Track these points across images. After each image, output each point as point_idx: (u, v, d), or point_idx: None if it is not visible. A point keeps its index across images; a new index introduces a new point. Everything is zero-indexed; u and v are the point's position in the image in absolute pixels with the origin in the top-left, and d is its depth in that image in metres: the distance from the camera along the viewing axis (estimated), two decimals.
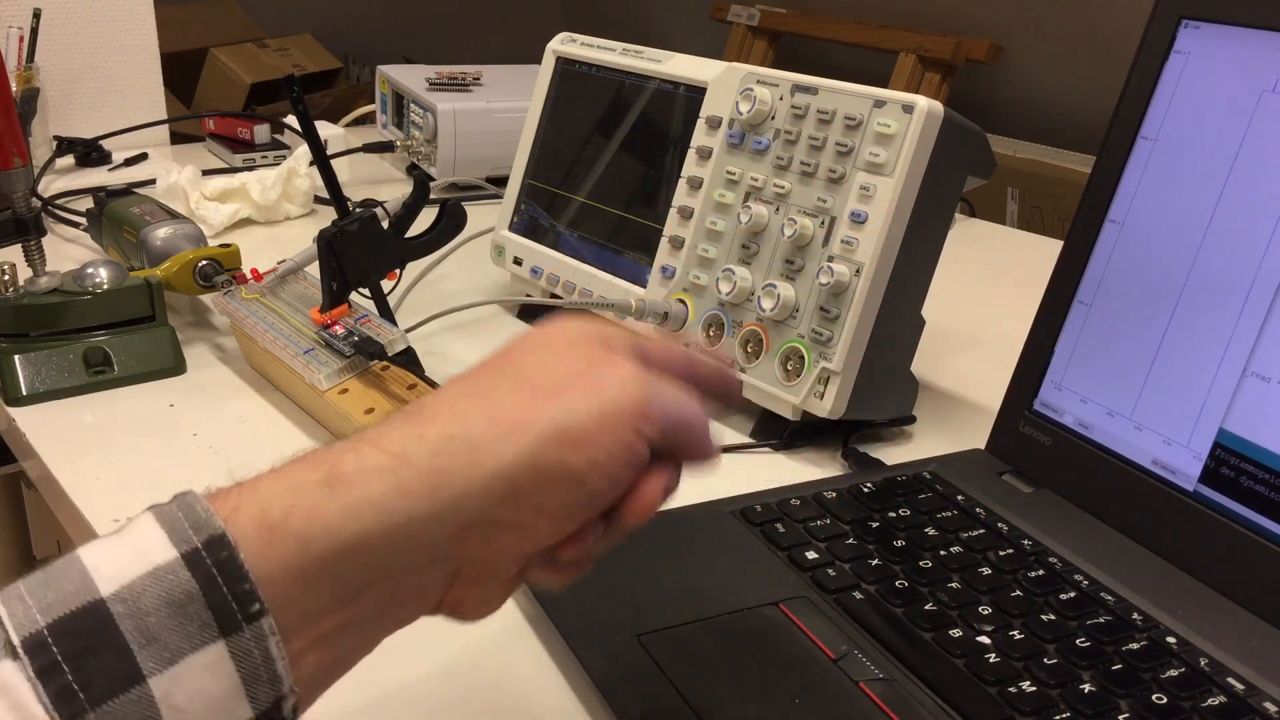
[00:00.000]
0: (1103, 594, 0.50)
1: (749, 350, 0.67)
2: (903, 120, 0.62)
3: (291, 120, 1.28)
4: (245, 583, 0.29)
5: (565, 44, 0.85)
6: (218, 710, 0.29)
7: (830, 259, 0.64)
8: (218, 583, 0.29)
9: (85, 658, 0.28)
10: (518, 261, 0.85)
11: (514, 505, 0.33)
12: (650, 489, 0.36)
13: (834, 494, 0.58)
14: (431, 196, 0.76)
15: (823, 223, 0.65)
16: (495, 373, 0.36)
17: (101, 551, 0.30)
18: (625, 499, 0.36)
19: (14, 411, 0.70)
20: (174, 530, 0.30)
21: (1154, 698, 0.43)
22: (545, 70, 0.86)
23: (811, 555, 0.52)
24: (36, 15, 1.24)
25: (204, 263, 0.79)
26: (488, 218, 0.92)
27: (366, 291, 0.73)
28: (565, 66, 0.85)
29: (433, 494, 0.32)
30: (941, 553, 0.52)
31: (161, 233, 0.84)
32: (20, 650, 0.28)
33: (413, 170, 1.24)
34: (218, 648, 0.29)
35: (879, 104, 0.63)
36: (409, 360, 0.67)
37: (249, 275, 0.78)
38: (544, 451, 0.33)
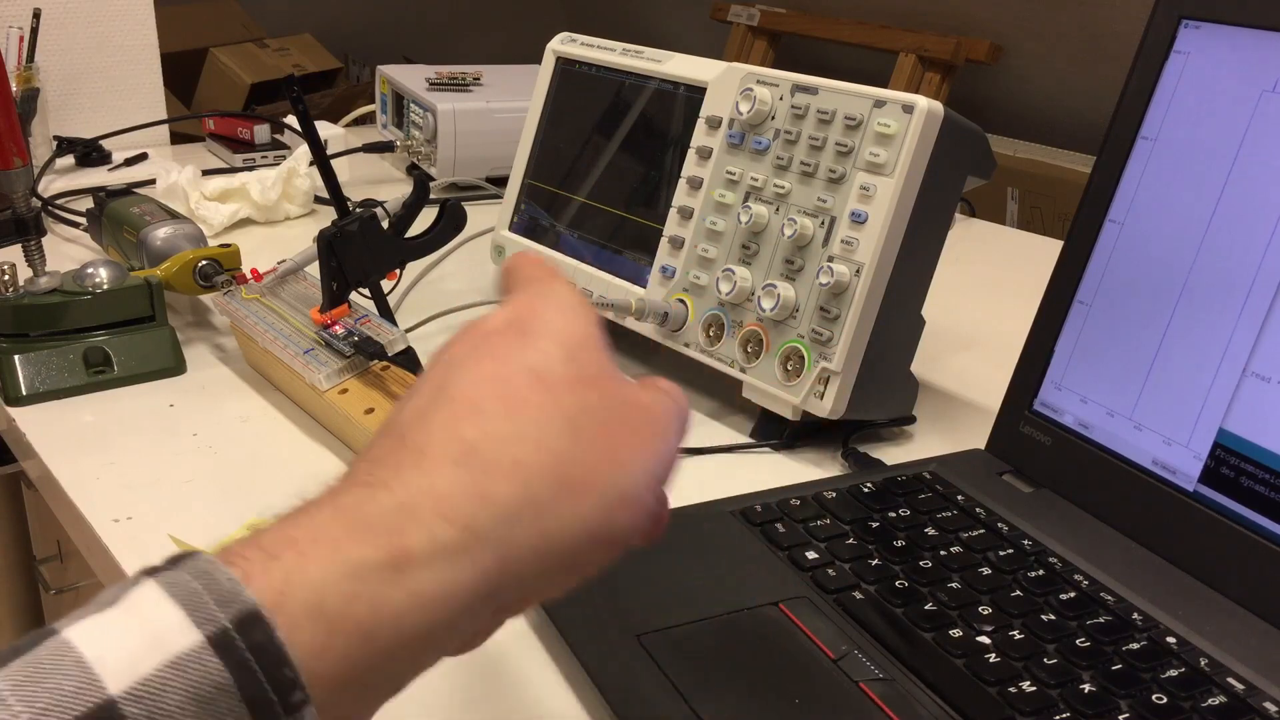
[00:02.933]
0: (1103, 594, 0.50)
1: (749, 350, 0.67)
2: (903, 120, 0.62)
3: (291, 120, 1.28)
4: (286, 668, 0.25)
5: (565, 44, 0.85)
6: None
7: (830, 259, 0.64)
8: (254, 670, 0.25)
9: None
10: None
11: (566, 571, 0.32)
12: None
13: (834, 494, 0.58)
14: (431, 196, 0.76)
15: (823, 223, 0.65)
16: (536, 393, 0.32)
17: (100, 635, 0.25)
18: None
19: (14, 411, 0.70)
20: (194, 606, 0.25)
21: (1154, 698, 0.43)
22: (545, 70, 0.86)
23: (811, 555, 0.52)
24: (36, 15, 1.24)
25: (204, 263, 0.79)
26: (488, 218, 0.92)
27: (366, 291, 0.73)
28: (565, 66, 0.85)
29: (500, 571, 0.30)
30: (941, 553, 0.53)
31: (161, 233, 0.84)
32: None
33: (413, 170, 1.24)
34: None
35: (879, 104, 0.63)
36: (409, 360, 0.67)
37: (249, 275, 0.78)
38: (606, 518, 0.32)
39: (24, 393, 0.71)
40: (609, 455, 0.32)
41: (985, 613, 0.48)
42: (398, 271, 0.75)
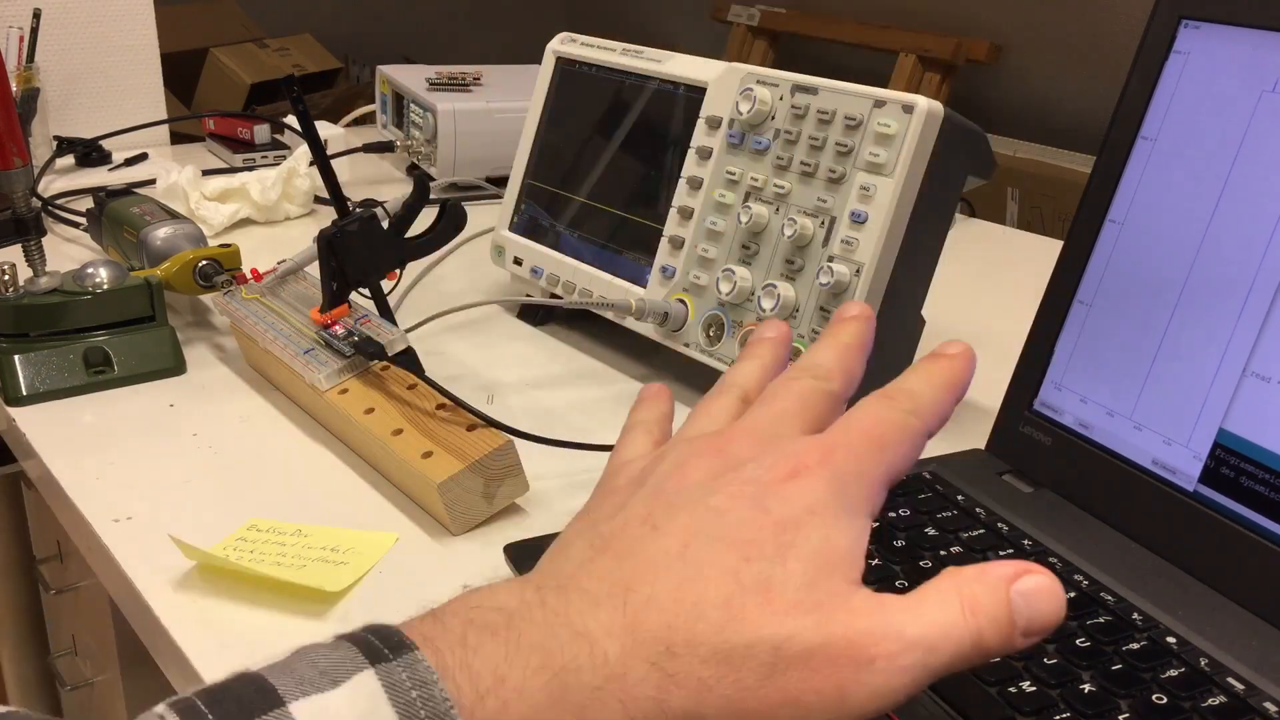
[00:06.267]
0: (1103, 594, 0.50)
1: None
2: (903, 120, 0.62)
3: (291, 120, 1.28)
4: None
5: (565, 44, 0.85)
6: None
7: (830, 259, 0.64)
8: None
9: None
10: (518, 261, 0.85)
11: None
12: None
13: None
14: (431, 196, 0.76)
15: (823, 223, 0.65)
16: (758, 607, 0.31)
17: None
18: None
19: (14, 411, 0.70)
20: (410, 717, 0.28)
21: (1154, 698, 0.43)
22: (545, 70, 0.86)
23: None
24: (36, 15, 1.24)
25: (204, 263, 0.79)
26: (488, 218, 0.92)
27: (366, 291, 0.73)
28: (565, 67, 0.85)
29: None
30: (941, 553, 0.52)
31: (161, 233, 0.84)
32: None
33: (413, 170, 1.24)
34: None
35: (879, 104, 0.63)
36: (409, 360, 0.67)
37: (249, 275, 0.78)
38: None
39: (24, 393, 0.71)
40: (794, 698, 0.31)
41: None
42: (398, 271, 0.75)
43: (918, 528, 0.55)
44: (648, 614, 0.31)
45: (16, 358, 0.71)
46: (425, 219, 0.74)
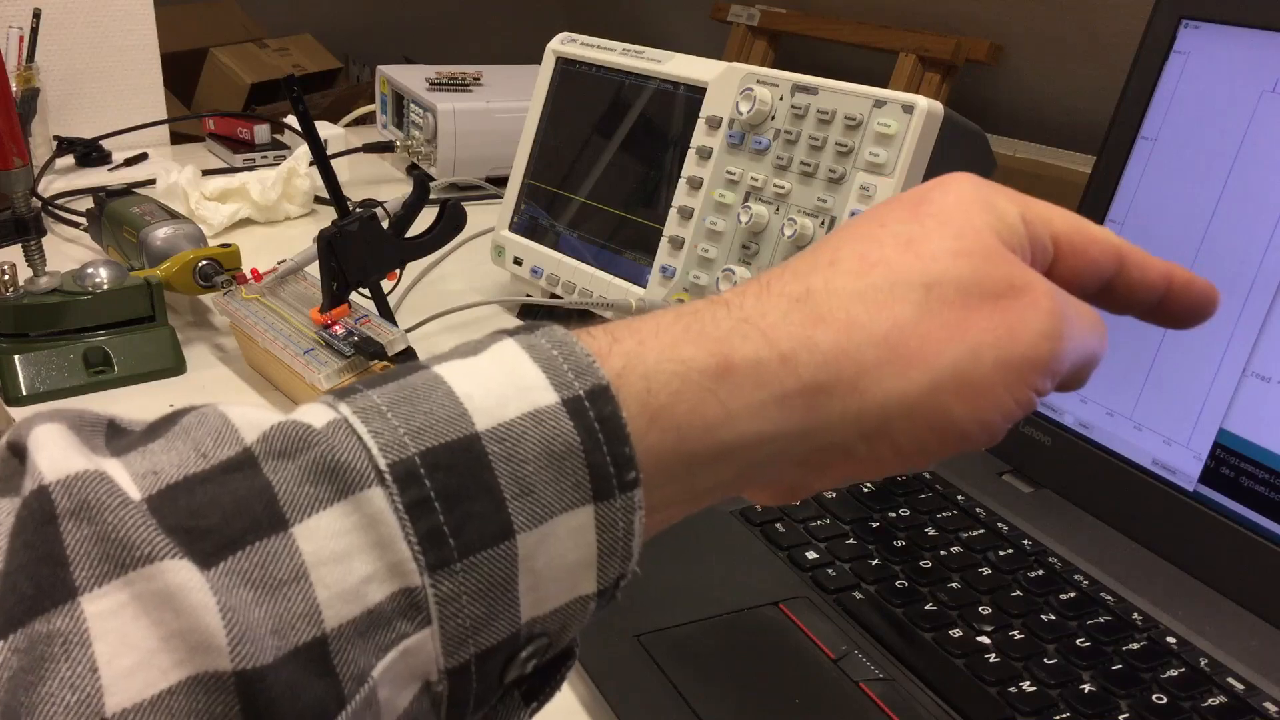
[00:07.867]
0: (1103, 594, 0.50)
1: None
2: (903, 120, 0.62)
3: (291, 120, 1.28)
4: (626, 446, 0.26)
5: (565, 44, 0.85)
6: (566, 579, 0.27)
7: None
8: (599, 441, 0.26)
9: (459, 500, 0.25)
10: (518, 261, 0.85)
11: (877, 441, 0.30)
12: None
13: (833, 494, 0.58)
14: (431, 196, 0.76)
15: (823, 223, 0.65)
16: (899, 255, 0.31)
17: (468, 376, 0.26)
18: None
19: (14, 411, 0.70)
20: (553, 370, 0.27)
21: (1154, 698, 0.43)
22: (545, 70, 0.86)
23: (811, 555, 0.52)
24: (36, 15, 1.24)
25: (204, 263, 0.79)
26: (488, 218, 0.92)
27: (366, 291, 0.73)
28: (565, 66, 0.85)
29: (808, 413, 0.29)
30: (941, 553, 0.53)
31: (161, 233, 0.84)
32: (389, 477, 0.24)
33: (413, 170, 1.24)
34: (587, 512, 0.26)
35: (879, 104, 0.63)
36: (409, 360, 0.67)
37: (249, 275, 0.78)
38: (933, 398, 0.29)
39: (24, 393, 0.71)
40: (957, 333, 0.30)
41: (985, 613, 0.48)
42: (398, 271, 0.75)
43: (918, 528, 0.55)
44: (786, 275, 0.31)
45: (16, 358, 0.71)
46: (425, 219, 0.74)
